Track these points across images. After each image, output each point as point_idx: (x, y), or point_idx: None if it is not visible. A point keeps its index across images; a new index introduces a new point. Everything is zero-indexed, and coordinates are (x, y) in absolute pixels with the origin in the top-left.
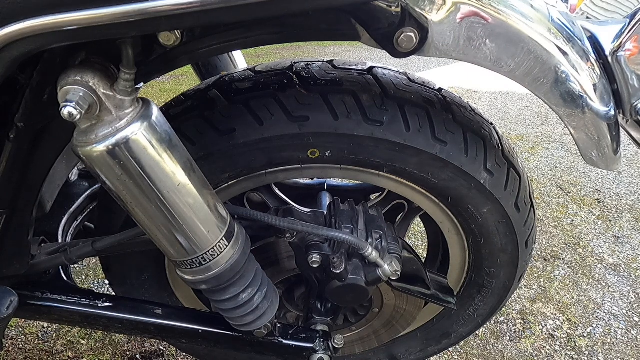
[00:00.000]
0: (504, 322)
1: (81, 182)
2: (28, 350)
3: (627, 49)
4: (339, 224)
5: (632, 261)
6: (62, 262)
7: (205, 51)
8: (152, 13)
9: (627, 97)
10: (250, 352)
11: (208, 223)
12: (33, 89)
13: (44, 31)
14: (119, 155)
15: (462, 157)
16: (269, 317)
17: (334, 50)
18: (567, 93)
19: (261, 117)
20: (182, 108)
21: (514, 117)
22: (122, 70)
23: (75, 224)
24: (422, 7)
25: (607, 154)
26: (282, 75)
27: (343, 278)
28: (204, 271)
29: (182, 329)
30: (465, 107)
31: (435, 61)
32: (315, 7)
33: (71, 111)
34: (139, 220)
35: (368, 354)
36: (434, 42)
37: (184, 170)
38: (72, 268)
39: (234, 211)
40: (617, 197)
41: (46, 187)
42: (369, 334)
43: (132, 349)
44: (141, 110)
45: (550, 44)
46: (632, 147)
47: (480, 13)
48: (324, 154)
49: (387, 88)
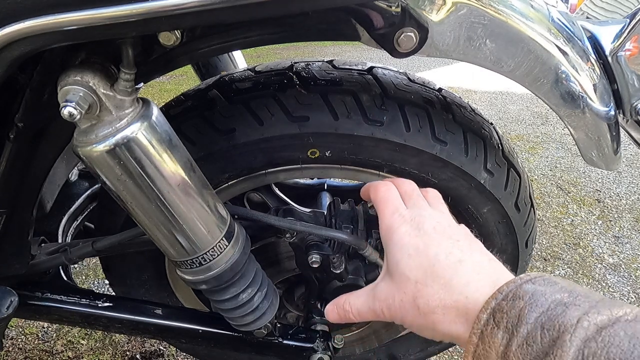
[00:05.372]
0: None
1: (81, 182)
2: (28, 350)
3: (627, 49)
4: (339, 224)
5: (632, 261)
6: (62, 262)
7: (205, 51)
8: (152, 13)
9: (627, 97)
10: (250, 352)
11: (208, 223)
12: (33, 89)
13: (44, 31)
14: (119, 155)
15: (462, 157)
16: (269, 317)
17: (334, 50)
18: (567, 93)
19: (261, 117)
20: (182, 108)
21: (514, 117)
22: (122, 70)
23: (75, 224)
24: (422, 7)
25: (607, 154)
26: (282, 75)
27: (343, 278)
28: (204, 271)
29: (182, 329)
30: (465, 107)
31: (435, 61)
32: (315, 7)
33: (71, 111)
34: (139, 220)
35: (368, 354)
36: (434, 42)
37: (184, 170)
38: (72, 268)
39: (234, 211)
40: (617, 197)
41: (46, 187)
42: (369, 334)
43: (132, 349)
44: (141, 110)
45: (550, 44)
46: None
47: (480, 13)
48: (324, 154)
49: (387, 88)
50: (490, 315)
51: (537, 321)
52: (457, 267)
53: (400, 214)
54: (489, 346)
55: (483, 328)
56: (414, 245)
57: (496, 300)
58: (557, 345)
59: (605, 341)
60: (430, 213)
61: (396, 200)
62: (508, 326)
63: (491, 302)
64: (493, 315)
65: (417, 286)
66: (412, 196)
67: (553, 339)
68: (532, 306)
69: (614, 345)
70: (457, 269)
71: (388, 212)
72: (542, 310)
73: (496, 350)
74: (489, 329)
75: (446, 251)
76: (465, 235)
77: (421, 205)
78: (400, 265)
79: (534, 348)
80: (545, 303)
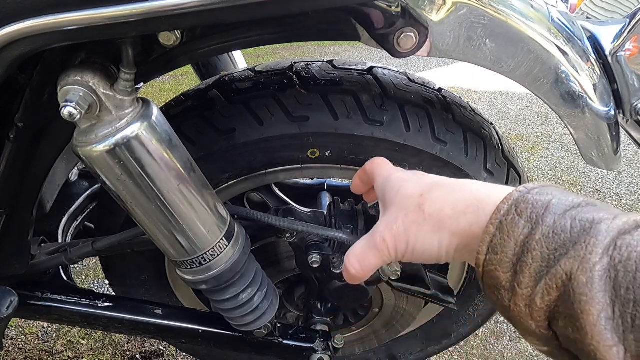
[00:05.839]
0: (504, 322)
1: (81, 182)
2: (28, 350)
3: (627, 49)
4: (338, 224)
5: None
6: (62, 262)
7: (205, 51)
8: (152, 13)
9: (627, 97)
10: (250, 352)
11: (208, 223)
12: (33, 89)
13: (44, 31)
14: (119, 155)
15: (462, 157)
16: (269, 317)
17: (334, 50)
18: (567, 93)
19: (261, 117)
20: (182, 108)
21: (514, 117)
22: (122, 70)
23: (75, 224)
24: (422, 7)
25: (607, 154)
26: (282, 75)
27: (343, 278)
28: (204, 271)
29: (182, 329)
30: (465, 107)
31: (435, 61)
32: (315, 7)
33: (71, 111)
34: (139, 220)
35: (368, 354)
36: (434, 42)
37: (184, 170)
38: (72, 268)
39: (234, 211)
40: (617, 197)
41: (46, 187)
42: (369, 334)
43: (132, 349)
44: (141, 110)
45: (550, 44)
46: (632, 147)
47: (480, 13)
48: (324, 154)
49: (387, 88)
50: (511, 206)
51: (566, 213)
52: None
53: (397, 170)
54: (508, 235)
55: (503, 218)
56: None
57: (520, 192)
58: (591, 234)
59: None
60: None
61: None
62: (532, 216)
63: (514, 194)
64: (516, 205)
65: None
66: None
67: (585, 228)
68: (561, 200)
69: None
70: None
71: (384, 171)
72: (572, 205)
73: (515, 240)
74: (509, 218)
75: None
76: None
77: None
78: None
79: (562, 237)
80: (576, 200)
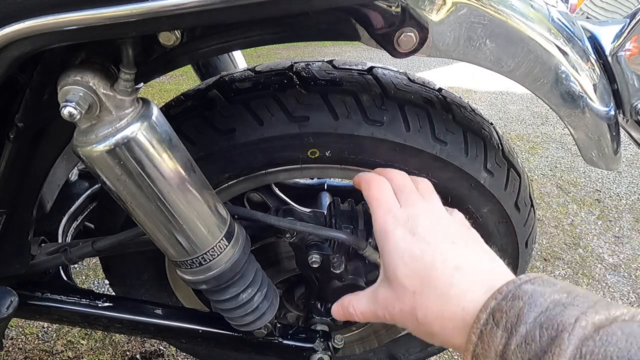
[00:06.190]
0: None
1: (81, 182)
2: (28, 350)
3: (627, 49)
4: (338, 224)
5: (632, 261)
6: (62, 262)
7: (205, 51)
8: (152, 13)
9: (627, 97)
10: (250, 352)
11: (208, 223)
12: (33, 89)
13: (44, 31)
14: (119, 155)
15: (462, 157)
16: (269, 317)
17: (334, 50)
18: (567, 93)
19: (261, 117)
20: (182, 108)
21: (514, 117)
22: (122, 70)
23: (75, 224)
24: (422, 7)
25: (607, 154)
26: (282, 75)
27: (343, 278)
28: (204, 271)
29: (182, 329)
30: (465, 107)
31: (435, 61)
32: (315, 7)
33: (71, 111)
34: (139, 220)
35: (368, 354)
36: (434, 42)
37: (184, 170)
38: (72, 268)
39: (234, 211)
40: (617, 197)
41: (46, 187)
42: (369, 334)
43: (132, 349)
44: (141, 110)
45: (550, 44)
46: (632, 147)
47: (480, 13)
48: (324, 154)
49: (387, 88)
50: (489, 315)
51: (535, 321)
52: (453, 275)
53: (394, 215)
54: (488, 345)
55: (482, 328)
56: (410, 252)
57: (496, 300)
58: (556, 344)
59: (603, 340)
60: (424, 210)
61: (389, 198)
62: (507, 325)
63: (491, 302)
64: (492, 314)
65: (415, 297)
66: (404, 191)
67: (551, 338)
68: (531, 306)
69: (611, 344)
70: (454, 278)
71: (381, 212)
72: (541, 310)
73: (495, 350)
74: (488, 328)
75: (442, 257)
76: (461, 232)
77: (414, 202)
78: (397, 273)
79: (533, 347)
80: (544, 303)
